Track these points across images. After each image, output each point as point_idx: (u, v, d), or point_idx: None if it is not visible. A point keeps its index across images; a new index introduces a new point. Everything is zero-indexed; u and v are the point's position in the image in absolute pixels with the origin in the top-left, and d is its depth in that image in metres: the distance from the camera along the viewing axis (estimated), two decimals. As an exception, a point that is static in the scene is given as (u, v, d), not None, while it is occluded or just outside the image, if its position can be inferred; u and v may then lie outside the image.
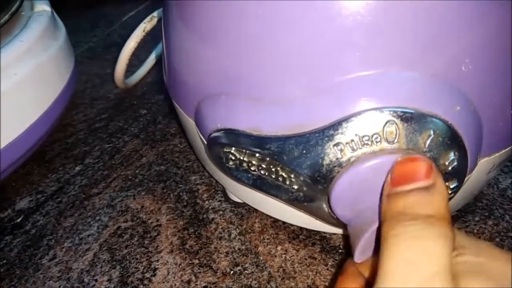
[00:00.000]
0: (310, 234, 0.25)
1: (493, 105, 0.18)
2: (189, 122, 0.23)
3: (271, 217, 0.26)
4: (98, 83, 0.44)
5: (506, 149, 0.20)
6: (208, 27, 0.19)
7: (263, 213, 0.26)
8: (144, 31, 0.35)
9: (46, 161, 0.33)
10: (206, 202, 0.28)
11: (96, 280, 0.23)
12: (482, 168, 0.20)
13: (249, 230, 0.26)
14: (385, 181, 0.16)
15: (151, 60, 0.44)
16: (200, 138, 0.22)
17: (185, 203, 0.28)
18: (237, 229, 0.26)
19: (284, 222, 0.26)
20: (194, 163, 0.31)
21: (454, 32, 0.16)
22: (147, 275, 0.23)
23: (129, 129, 0.36)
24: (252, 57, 0.18)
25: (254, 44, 0.18)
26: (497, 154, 0.20)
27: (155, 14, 0.35)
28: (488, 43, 0.17)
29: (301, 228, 0.26)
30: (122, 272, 0.23)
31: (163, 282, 0.23)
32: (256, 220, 0.26)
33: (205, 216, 0.27)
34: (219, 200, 0.28)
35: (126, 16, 0.62)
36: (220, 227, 0.26)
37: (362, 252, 0.17)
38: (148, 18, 0.35)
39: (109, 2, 0.69)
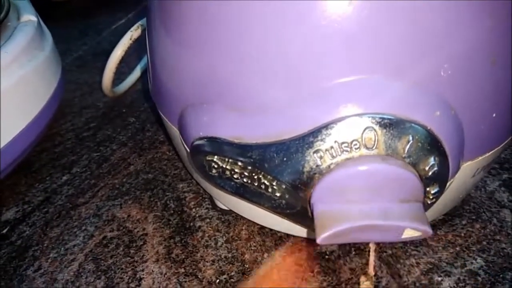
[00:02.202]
0: (297, 240, 0.25)
1: (474, 109, 0.18)
2: (173, 130, 0.23)
3: (258, 224, 0.26)
4: (87, 91, 0.44)
5: (490, 153, 0.20)
6: (189, 36, 0.19)
7: (250, 220, 0.26)
8: (131, 39, 0.35)
9: (33, 171, 0.33)
10: (193, 210, 0.28)
11: (80, 291, 0.23)
12: (466, 172, 0.20)
13: (236, 238, 0.25)
14: None
15: (139, 68, 0.44)
16: (184, 146, 0.22)
17: (172, 211, 0.28)
18: (224, 237, 0.26)
19: (271, 229, 0.26)
20: (181, 171, 0.31)
21: (434, 38, 0.16)
22: (132, 285, 0.23)
23: (117, 137, 0.36)
24: (232, 66, 0.18)
25: (234, 53, 0.18)
26: (480, 158, 0.20)
27: (141, 22, 0.35)
28: (468, 48, 0.17)
29: (287, 235, 0.25)
30: (107, 282, 0.23)
31: (148, 292, 0.22)
32: (243, 227, 0.26)
33: (191, 224, 0.27)
34: (206, 208, 0.28)
35: (116, 24, 0.62)
36: (207, 235, 0.26)
37: (328, 239, 0.17)
38: (135, 26, 0.35)
39: (99, 11, 0.69)
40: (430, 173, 0.17)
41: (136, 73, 0.43)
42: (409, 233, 0.16)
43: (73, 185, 0.31)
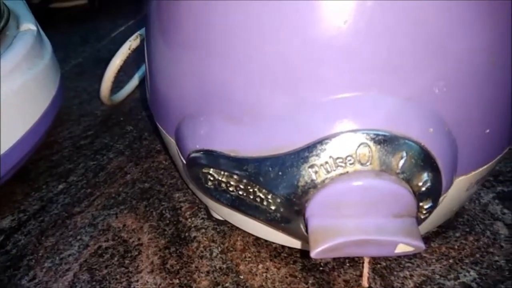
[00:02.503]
0: (292, 252, 0.25)
1: (468, 125, 0.18)
2: (170, 141, 0.23)
3: (253, 235, 0.26)
4: (85, 99, 0.44)
5: (484, 167, 0.20)
6: (187, 48, 0.19)
7: (245, 231, 0.26)
8: (129, 49, 0.35)
9: (30, 179, 0.33)
10: (189, 220, 0.28)
11: (75, 302, 0.23)
12: (460, 186, 0.20)
13: (231, 249, 0.26)
14: None
15: (137, 76, 0.44)
16: (180, 158, 0.22)
17: (168, 221, 0.28)
18: (219, 248, 0.26)
19: (266, 240, 0.26)
20: (178, 181, 0.31)
21: (428, 56, 0.16)
22: (127, 296, 0.23)
23: (115, 146, 0.36)
24: (229, 80, 0.18)
25: (231, 67, 0.18)
26: (474, 172, 0.20)
27: (140, 32, 0.35)
28: (461, 66, 0.17)
29: (282, 246, 0.26)
30: (101, 293, 0.23)
31: (143, 303, 0.22)
32: (238, 238, 0.26)
33: (187, 234, 0.27)
34: (202, 218, 0.28)
35: (116, 31, 0.62)
36: (202, 245, 0.26)
37: (322, 253, 0.17)
38: (134, 36, 0.35)
39: (98, 18, 0.69)
40: (423, 189, 0.17)
41: (134, 82, 0.44)
42: (402, 248, 0.16)
43: (69, 193, 0.31)
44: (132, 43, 0.35)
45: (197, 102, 0.20)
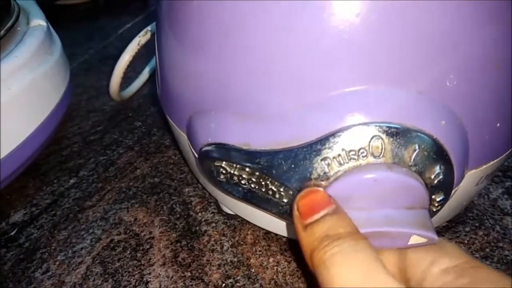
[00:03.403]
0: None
1: (479, 118, 0.18)
2: (182, 136, 0.23)
3: (263, 229, 0.26)
4: (94, 95, 0.45)
5: (494, 161, 0.21)
6: (198, 43, 0.20)
7: (255, 225, 0.26)
8: (138, 44, 0.35)
9: (41, 174, 0.33)
10: (199, 214, 0.28)
11: (88, 294, 0.23)
12: (470, 180, 0.20)
13: (242, 242, 0.26)
14: (294, 216, 0.17)
15: (146, 72, 0.44)
16: (192, 151, 0.22)
17: (178, 215, 0.28)
18: (230, 241, 0.26)
19: (276, 234, 0.26)
20: (187, 175, 0.32)
21: (440, 49, 0.16)
22: (140, 288, 0.23)
23: (124, 141, 0.36)
24: (241, 74, 0.18)
25: (243, 61, 0.18)
26: (484, 166, 0.20)
27: (149, 28, 0.35)
28: (473, 59, 0.17)
29: (293, 240, 0.26)
30: (114, 285, 0.23)
31: (155, 295, 0.23)
32: (249, 232, 0.26)
33: (197, 228, 0.27)
34: (212, 212, 0.28)
35: (122, 28, 0.63)
36: (213, 239, 0.26)
37: None
38: (143, 32, 0.35)
39: (105, 15, 0.70)
40: (435, 182, 0.17)
41: (143, 77, 0.44)
42: (415, 239, 0.16)
43: (80, 188, 0.31)
44: (141, 38, 0.35)
45: (209, 97, 0.20)
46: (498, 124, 0.19)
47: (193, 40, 0.20)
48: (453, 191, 0.19)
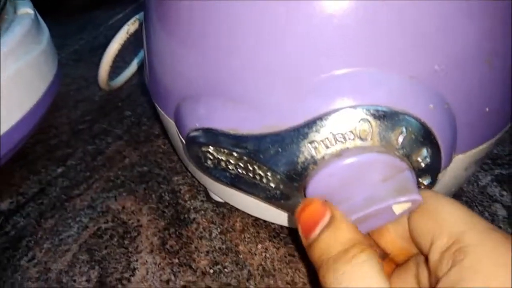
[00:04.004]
0: (291, 232, 0.25)
1: (468, 103, 0.18)
2: (170, 123, 0.23)
3: (252, 216, 0.26)
4: (83, 85, 0.44)
5: (482, 146, 0.21)
6: (186, 30, 0.19)
7: (244, 212, 0.26)
8: (127, 33, 0.35)
9: (28, 163, 0.32)
10: (188, 202, 0.28)
11: (74, 281, 0.23)
12: (459, 164, 0.20)
13: (230, 229, 0.26)
14: (299, 231, 0.17)
15: (136, 62, 0.44)
16: (180, 138, 0.22)
17: (167, 204, 0.28)
18: (218, 229, 0.26)
19: (265, 221, 0.26)
20: (177, 164, 0.31)
21: (429, 33, 0.16)
22: (126, 275, 0.23)
23: (113, 131, 0.36)
24: (229, 60, 0.18)
25: (231, 46, 0.18)
26: (473, 151, 0.20)
27: (138, 16, 0.35)
28: (462, 44, 0.17)
29: (281, 227, 0.26)
30: (101, 272, 0.23)
31: (142, 282, 0.23)
32: (238, 219, 0.26)
33: (186, 216, 0.27)
34: (201, 200, 0.28)
35: (114, 19, 0.62)
36: (201, 226, 0.26)
37: None
38: (132, 20, 0.35)
39: (97, 6, 0.69)
40: (422, 165, 0.17)
41: (133, 67, 0.43)
42: (400, 208, 0.16)
43: (67, 177, 0.31)
44: (130, 27, 0.35)
45: (197, 83, 0.20)
46: (487, 109, 0.19)
47: (180, 28, 0.20)
48: (440, 175, 0.19)
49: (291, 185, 0.18)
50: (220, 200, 0.27)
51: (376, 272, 0.14)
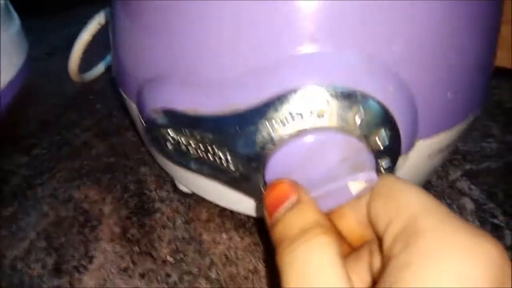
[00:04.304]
0: (257, 222, 0.25)
1: (428, 86, 0.18)
2: (133, 108, 0.23)
3: (219, 206, 0.26)
4: (55, 80, 0.43)
5: (445, 133, 0.21)
6: (145, 13, 0.19)
7: (211, 203, 0.26)
8: (99, 24, 0.34)
9: (-9, 153, 0.32)
10: (154, 192, 0.27)
11: (29, 267, 0.22)
12: (421, 150, 0.20)
13: (195, 219, 0.25)
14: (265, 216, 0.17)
15: (110, 57, 0.43)
16: (141, 120, 0.21)
17: (132, 193, 0.27)
18: (183, 218, 0.25)
19: (232, 212, 0.26)
20: (145, 155, 0.31)
21: (388, 12, 0.16)
22: (83, 262, 0.22)
23: (82, 122, 0.35)
24: (188, 40, 0.18)
25: (190, 28, 0.18)
26: (436, 136, 0.20)
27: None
28: (422, 25, 0.17)
29: (248, 218, 0.25)
30: (57, 259, 0.23)
31: (99, 270, 0.22)
32: (204, 210, 0.26)
33: (150, 205, 0.26)
34: (167, 191, 0.27)
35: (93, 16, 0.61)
36: (165, 216, 0.25)
37: None
38: (104, 11, 0.34)
39: (78, 4, 0.68)
40: (381, 147, 0.17)
41: (107, 62, 0.43)
42: (356, 186, 0.16)
43: (31, 166, 0.30)
44: (101, 18, 0.34)
45: (157, 65, 0.20)
46: (449, 93, 0.19)
47: (140, 11, 0.20)
48: (402, 160, 0.19)
49: (250, 166, 0.18)
50: (187, 191, 0.27)
51: (334, 255, 0.13)
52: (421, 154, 0.20)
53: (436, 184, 0.28)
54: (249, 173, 0.18)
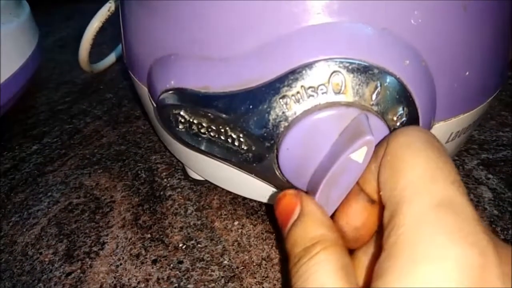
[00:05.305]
0: (269, 209, 0.24)
1: (447, 64, 0.18)
2: (143, 90, 0.22)
3: (230, 194, 0.25)
4: (66, 69, 0.43)
5: (463, 115, 0.20)
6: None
7: (222, 190, 0.25)
8: (109, 10, 0.34)
9: (3, 140, 0.31)
10: (165, 180, 0.27)
11: (40, 253, 0.22)
12: (439, 134, 0.19)
13: (207, 207, 0.25)
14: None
15: (120, 48, 0.43)
16: (152, 104, 0.21)
17: (143, 181, 0.27)
18: (194, 206, 0.25)
19: (243, 199, 0.25)
20: (156, 144, 0.31)
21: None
22: (95, 248, 0.22)
23: (93, 111, 0.35)
24: (197, 16, 0.17)
25: (201, 4, 0.17)
26: (453, 119, 0.19)
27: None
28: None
29: (260, 205, 0.25)
30: (68, 245, 0.22)
31: (111, 256, 0.22)
32: (215, 197, 0.25)
33: (162, 193, 0.26)
34: (178, 178, 0.27)
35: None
36: (177, 203, 0.25)
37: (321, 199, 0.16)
38: (114, -1, 0.34)
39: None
40: (398, 124, 0.16)
41: (117, 53, 0.43)
42: (359, 154, 0.15)
43: (42, 154, 0.30)
44: (111, 5, 0.34)
45: (167, 44, 0.19)
46: (467, 73, 0.18)
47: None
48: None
49: (263, 145, 0.17)
50: (199, 178, 0.26)
51: (333, 272, 0.13)
52: (440, 138, 0.20)
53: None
54: (262, 153, 0.18)
